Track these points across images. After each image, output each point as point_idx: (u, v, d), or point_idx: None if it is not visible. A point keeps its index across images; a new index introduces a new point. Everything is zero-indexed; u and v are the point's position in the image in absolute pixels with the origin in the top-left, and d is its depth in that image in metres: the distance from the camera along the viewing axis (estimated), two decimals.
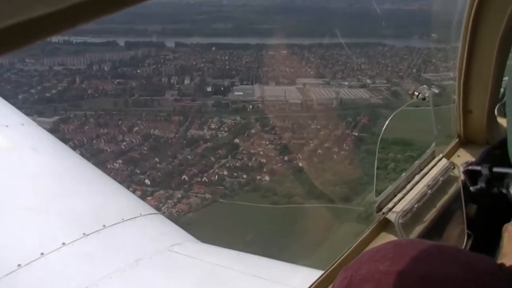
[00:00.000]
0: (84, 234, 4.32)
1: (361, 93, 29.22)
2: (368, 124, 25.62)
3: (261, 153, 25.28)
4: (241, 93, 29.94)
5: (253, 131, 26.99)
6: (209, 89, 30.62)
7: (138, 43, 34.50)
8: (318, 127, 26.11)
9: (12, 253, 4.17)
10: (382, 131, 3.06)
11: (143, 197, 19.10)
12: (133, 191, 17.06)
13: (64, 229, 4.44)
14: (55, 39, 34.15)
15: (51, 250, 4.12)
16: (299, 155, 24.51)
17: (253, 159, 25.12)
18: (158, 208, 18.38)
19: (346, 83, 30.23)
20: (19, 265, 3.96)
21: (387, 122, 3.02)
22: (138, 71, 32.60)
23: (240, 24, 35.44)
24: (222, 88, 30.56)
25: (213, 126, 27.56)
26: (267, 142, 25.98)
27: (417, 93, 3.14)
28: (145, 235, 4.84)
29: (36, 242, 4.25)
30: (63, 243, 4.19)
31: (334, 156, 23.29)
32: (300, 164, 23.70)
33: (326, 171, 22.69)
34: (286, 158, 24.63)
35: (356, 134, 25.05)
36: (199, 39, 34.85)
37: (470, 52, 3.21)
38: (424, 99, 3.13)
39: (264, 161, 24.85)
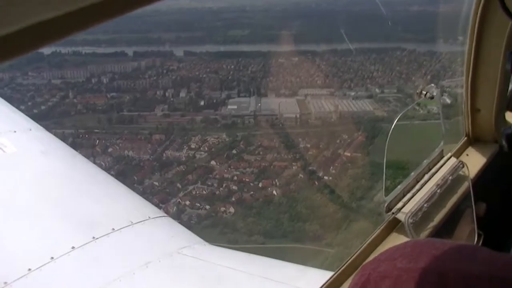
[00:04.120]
0: (93, 237, 4.32)
1: (365, 104, 26.31)
2: (365, 142, 22.81)
3: (235, 178, 23.04)
4: (235, 107, 27.88)
5: (234, 151, 24.77)
6: (202, 102, 28.41)
7: (147, 53, 33.28)
8: (308, 146, 23.65)
9: (22, 257, 4.14)
10: (390, 132, 2.88)
11: None
12: None
13: (73, 233, 4.43)
14: (64, 50, 33.45)
15: (61, 254, 4.11)
16: (276, 181, 21.90)
17: (223, 185, 22.87)
18: None
19: (352, 93, 27.48)
20: (29, 269, 3.93)
21: (393, 124, 2.89)
22: (137, 83, 31.07)
23: (257, 30, 33.81)
24: (215, 102, 28.42)
25: (193, 145, 25.53)
26: (245, 165, 23.75)
27: (425, 92, 3.07)
28: (154, 238, 4.84)
29: (46, 246, 4.23)
30: (73, 247, 4.18)
31: (315, 182, 20.66)
32: (274, 193, 21.13)
33: (299, 203, 20.15)
34: (260, 184, 22.31)
35: (349, 154, 22.30)
36: (211, 47, 33.60)
37: (477, 50, 3.20)
38: (432, 98, 3.09)
39: (235, 188, 22.54)
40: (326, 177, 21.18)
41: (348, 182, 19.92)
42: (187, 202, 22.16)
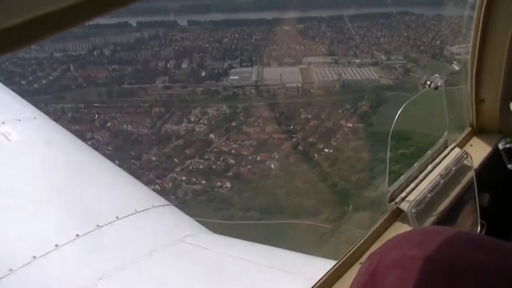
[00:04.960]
0: (97, 226, 4.39)
1: (370, 72, 25.51)
2: (368, 112, 22.11)
3: (233, 151, 22.49)
4: (237, 77, 27.31)
5: (234, 123, 24.26)
6: (203, 73, 27.86)
7: (150, 23, 32.73)
8: (309, 116, 22.83)
9: (27, 245, 4.18)
10: (393, 125, 2.88)
11: None
12: None
13: (77, 221, 4.48)
14: None
15: (65, 241, 4.17)
16: (274, 154, 21.23)
17: (221, 159, 22.35)
18: None
19: (357, 61, 26.70)
20: (34, 257, 3.98)
21: (397, 115, 2.84)
22: (139, 55, 30.73)
23: None
24: (217, 72, 27.78)
25: (193, 118, 25.06)
26: (244, 137, 23.21)
27: (429, 83, 3.08)
28: (158, 227, 4.88)
29: (50, 234, 4.29)
30: (77, 235, 4.25)
31: (315, 155, 19.99)
32: (272, 166, 20.52)
33: (297, 177, 19.48)
34: (258, 158, 21.74)
35: (351, 125, 21.58)
36: (216, 16, 33.03)
37: (482, 40, 3.16)
38: (436, 88, 3.08)
39: (233, 162, 22.02)
40: (326, 150, 20.53)
41: (348, 154, 19.32)
42: (183, 177, 21.71)
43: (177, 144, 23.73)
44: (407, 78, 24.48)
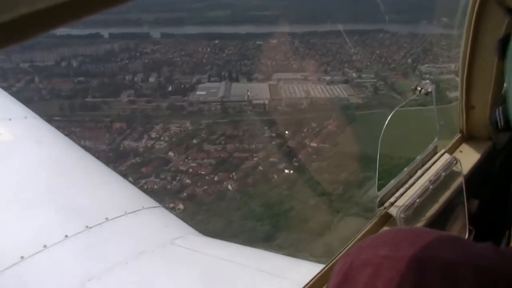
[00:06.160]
0: (86, 226, 4.42)
1: (340, 90, 25.01)
2: (335, 131, 21.49)
3: (191, 170, 21.75)
4: (204, 93, 26.61)
5: (195, 141, 23.57)
6: (170, 88, 27.25)
7: (122, 35, 32.31)
8: (273, 135, 22.15)
9: (15, 245, 4.18)
10: (383, 130, 2.86)
11: None
12: None
13: (67, 221, 4.51)
14: None
15: (54, 242, 4.19)
16: (233, 174, 20.64)
17: (177, 178, 21.60)
18: None
19: (328, 78, 26.20)
20: (22, 257, 4.00)
21: (387, 120, 2.86)
22: (107, 67, 29.97)
23: (238, 11, 33.15)
24: (184, 87, 27.32)
25: (154, 135, 24.36)
26: (204, 156, 22.55)
27: (419, 88, 3.14)
28: (148, 228, 4.94)
29: (39, 235, 4.30)
30: (66, 236, 4.26)
31: (274, 176, 19.37)
32: (229, 187, 19.84)
33: (254, 198, 18.86)
34: (216, 178, 21.06)
35: (315, 145, 20.98)
36: (190, 29, 32.58)
37: (473, 46, 3.26)
38: (427, 94, 3.14)
39: (189, 181, 21.28)
40: (286, 171, 19.98)
41: (309, 176, 18.75)
42: None
43: (134, 162, 23.01)
44: (377, 96, 24.12)
